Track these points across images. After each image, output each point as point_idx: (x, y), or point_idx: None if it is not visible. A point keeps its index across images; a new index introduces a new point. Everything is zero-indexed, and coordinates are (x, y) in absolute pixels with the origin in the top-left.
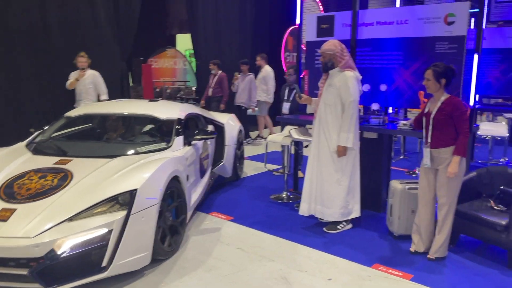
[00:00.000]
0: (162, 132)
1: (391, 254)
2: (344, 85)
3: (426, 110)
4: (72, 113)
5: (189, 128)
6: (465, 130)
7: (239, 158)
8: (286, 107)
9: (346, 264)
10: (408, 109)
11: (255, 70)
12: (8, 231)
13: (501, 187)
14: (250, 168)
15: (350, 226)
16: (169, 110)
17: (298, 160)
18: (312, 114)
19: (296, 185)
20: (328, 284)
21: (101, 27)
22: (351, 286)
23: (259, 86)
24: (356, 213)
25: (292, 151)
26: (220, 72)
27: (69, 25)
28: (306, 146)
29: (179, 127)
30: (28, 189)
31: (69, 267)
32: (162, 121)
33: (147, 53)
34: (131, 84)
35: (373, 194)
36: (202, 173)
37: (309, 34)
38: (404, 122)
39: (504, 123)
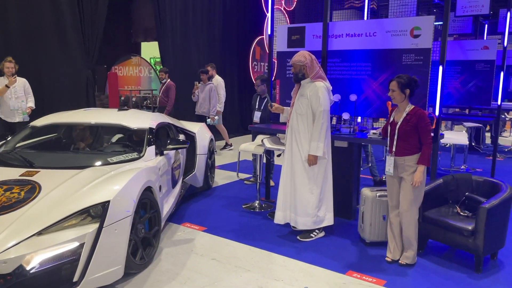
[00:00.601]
0: (133, 141)
1: (364, 261)
2: (314, 95)
3: (391, 119)
4: (38, 122)
5: (159, 137)
6: (429, 141)
7: (210, 168)
8: (257, 116)
9: (321, 272)
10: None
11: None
12: None
13: (467, 193)
14: (220, 177)
15: (322, 234)
16: (139, 120)
17: (270, 169)
18: (285, 123)
19: (268, 194)
20: None
21: (66, 34)
22: None
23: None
24: (328, 221)
25: (264, 160)
26: (168, 80)
27: (32, 32)
28: (279, 155)
29: (151, 136)
30: None
31: (38, 283)
32: (133, 130)
33: (111, 61)
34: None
35: (344, 202)
36: (174, 183)
37: (280, 44)
38: (374, 131)
39: (464, 131)
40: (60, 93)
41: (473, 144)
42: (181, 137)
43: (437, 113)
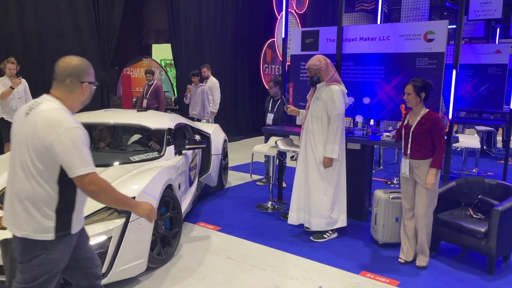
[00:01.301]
0: (153, 141)
1: (377, 261)
2: (330, 99)
3: (406, 122)
4: None
5: (177, 138)
6: (442, 145)
7: (224, 168)
8: (270, 118)
9: (334, 271)
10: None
11: (201, 81)
12: None
13: (479, 196)
14: (233, 178)
15: (335, 235)
16: (159, 120)
17: (282, 171)
18: (298, 126)
19: (280, 195)
20: None
21: (82, 36)
22: None
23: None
24: (342, 222)
25: (277, 162)
26: (155, 82)
27: (49, 33)
28: (292, 157)
29: (170, 136)
30: None
31: None
32: (153, 131)
33: (122, 63)
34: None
35: (357, 204)
36: (191, 182)
37: (294, 48)
38: (387, 133)
39: (476, 135)
40: None
41: (484, 147)
42: (197, 137)
43: (450, 116)
